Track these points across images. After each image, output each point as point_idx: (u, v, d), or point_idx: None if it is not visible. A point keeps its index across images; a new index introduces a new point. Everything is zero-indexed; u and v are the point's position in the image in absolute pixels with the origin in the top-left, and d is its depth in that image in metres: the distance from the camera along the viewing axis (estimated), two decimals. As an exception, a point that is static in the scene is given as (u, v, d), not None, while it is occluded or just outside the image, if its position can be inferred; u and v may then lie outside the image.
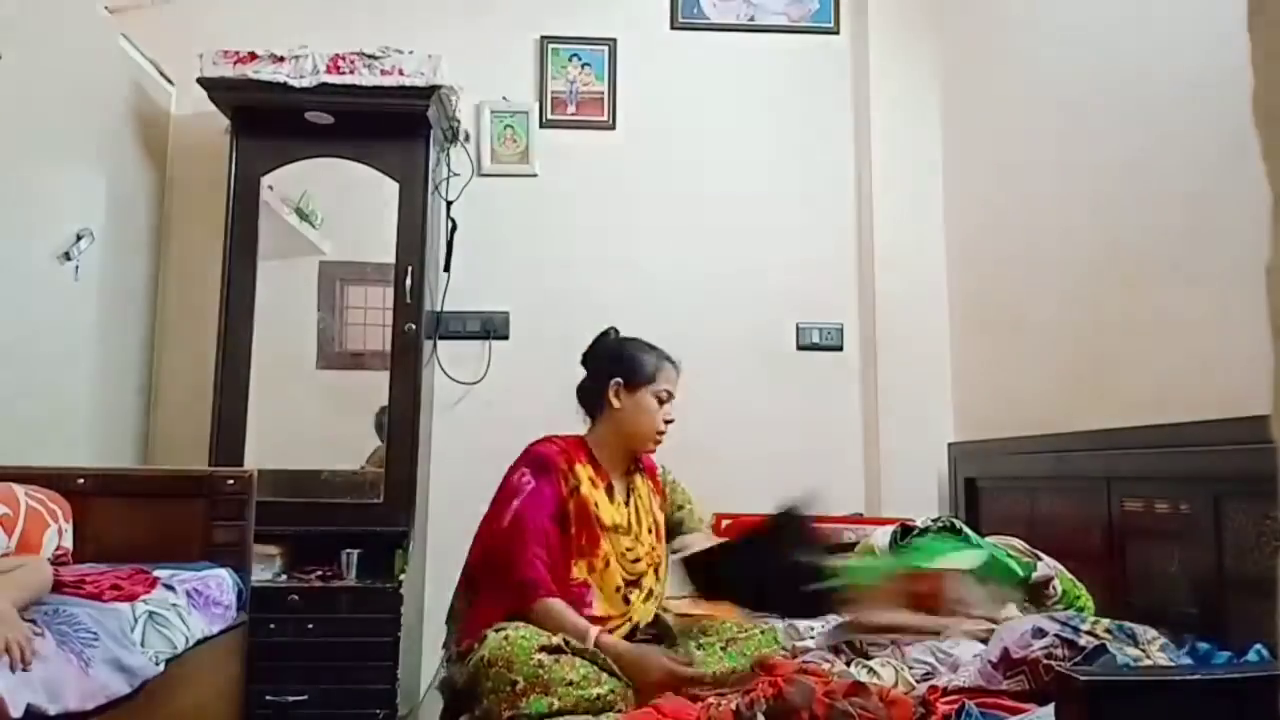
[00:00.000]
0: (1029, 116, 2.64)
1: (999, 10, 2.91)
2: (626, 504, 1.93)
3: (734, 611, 1.86)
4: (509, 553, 1.73)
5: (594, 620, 1.73)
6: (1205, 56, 1.84)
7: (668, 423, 1.94)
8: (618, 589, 1.81)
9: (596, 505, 1.84)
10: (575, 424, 2.06)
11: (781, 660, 1.63)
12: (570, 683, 1.49)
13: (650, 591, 1.89)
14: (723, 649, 1.78)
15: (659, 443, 1.96)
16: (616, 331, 2.05)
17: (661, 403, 1.92)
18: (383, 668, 2.59)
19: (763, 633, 1.85)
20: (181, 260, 3.14)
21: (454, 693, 1.67)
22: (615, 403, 1.91)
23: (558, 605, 1.68)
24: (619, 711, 1.49)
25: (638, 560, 1.87)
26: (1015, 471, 2.54)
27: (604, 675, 1.55)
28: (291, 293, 3.03)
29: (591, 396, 1.97)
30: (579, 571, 1.78)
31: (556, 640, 1.56)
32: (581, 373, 2.05)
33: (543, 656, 1.51)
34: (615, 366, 1.94)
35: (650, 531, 1.95)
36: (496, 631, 1.57)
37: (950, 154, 3.18)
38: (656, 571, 1.93)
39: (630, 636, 1.80)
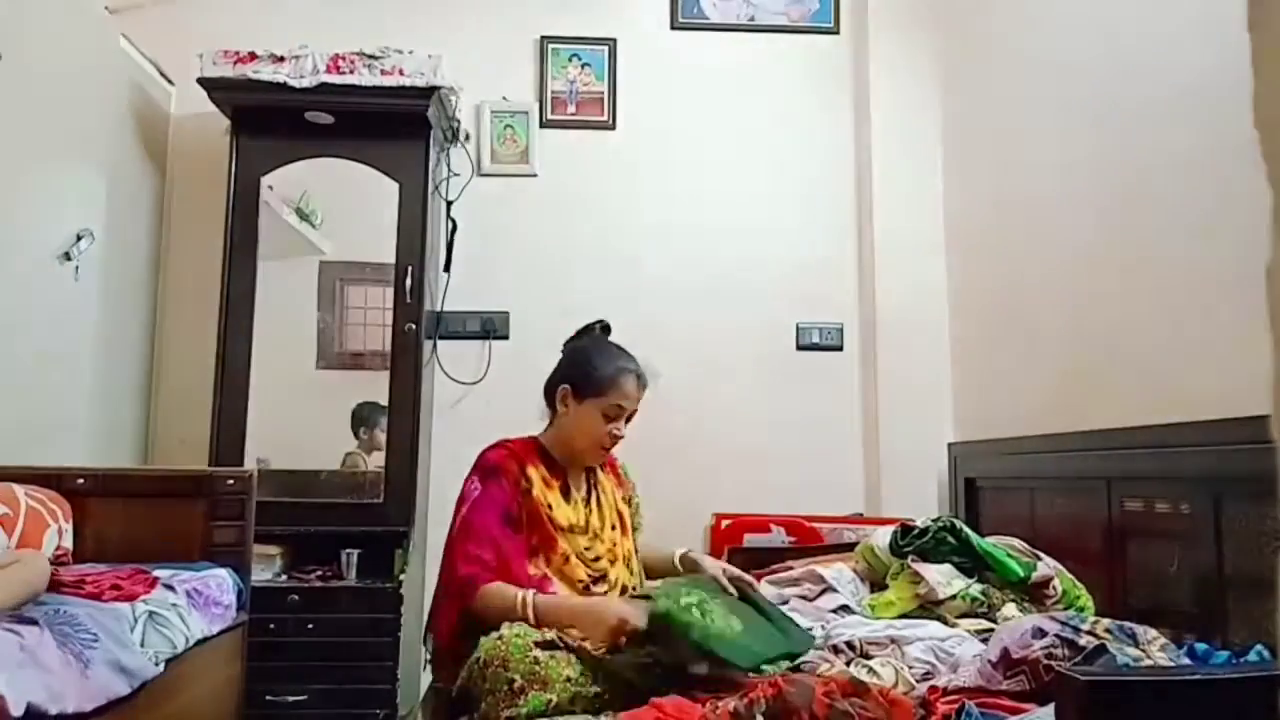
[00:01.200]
0: (1029, 116, 2.64)
1: (999, 10, 2.91)
2: (586, 503, 1.87)
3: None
4: (450, 557, 1.71)
5: None
6: (1205, 56, 1.84)
7: (616, 438, 1.84)
8: (579, 582, 1.77)
9: (551, 507, 1.79)
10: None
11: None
12: (568, 679, 1.48)
13: (623, 587, 1.85)
14: None
15: (602, 456, 1.89)
16: (605, 327, 1.97)
17: (610, 419, 1.81)
18: (383, 668, 2.59)
19: None
20: (181, 260, 3.14)
21: (449, 703, 1.65)
22: (562, 408, 1.85)
23: (493, 587, 1.65)
24: (617, 711, 1.49)
25: (598, 559, 1.82)
26: (1015, 471, 2.54)
27: (600, 674, 1.55)
28: (291, 293, 3.03)
29: (548, 393, 1.90)
30: (535, 568, 1.74)
31: (551, 636, 1.55)
32: None
33: (539, 653, 1.50)
34: (569, 371, 1.87)
35: (614, 528, 1.89)
36: (488, 634, 1.57)
37: (950, 153, 3.18)
38: (629, 566, 1.89)
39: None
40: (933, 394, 3.12)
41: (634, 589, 1.88)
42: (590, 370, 1.83)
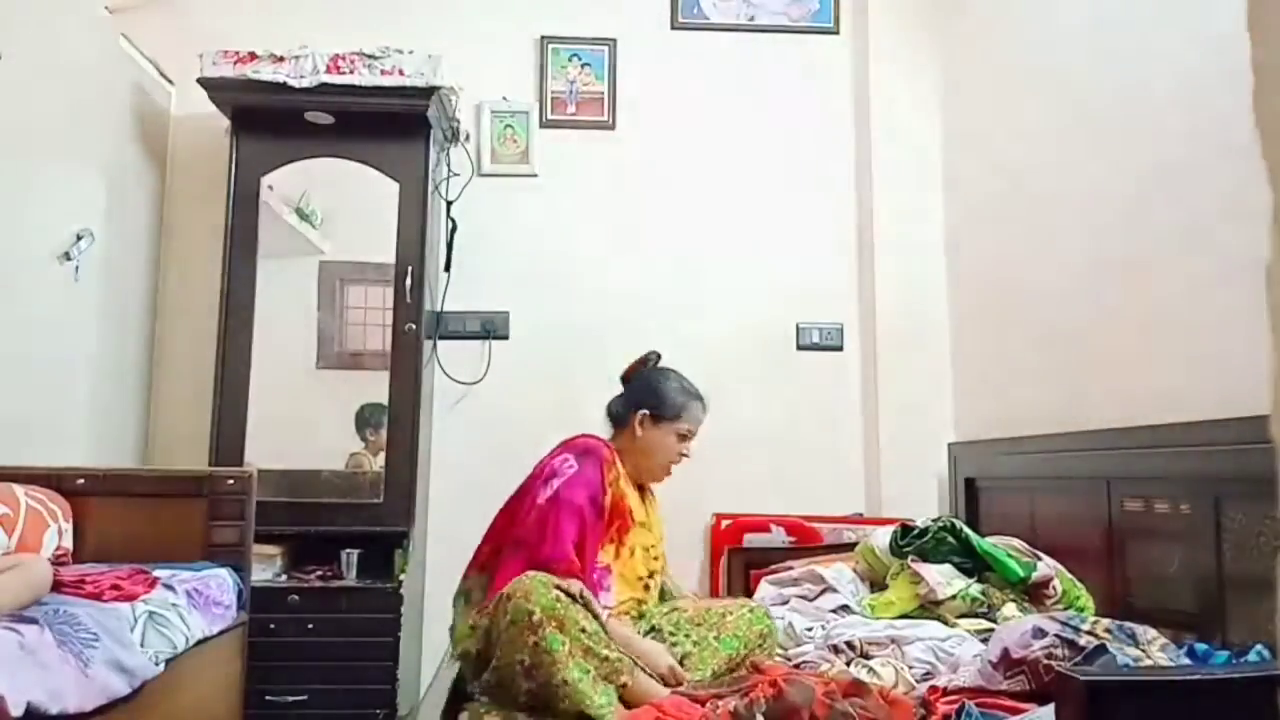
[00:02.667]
0: (1029, 116, 2.64)
1: (999, 10, 2.91)
2: (643, 503, 2.01)
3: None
4: (543, 526, 1.74)
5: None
6: (1205, 56, 1.84)
7: (683, 457, 2.01)
8: (640, 578, 1.88)
9: (629, 499, 1.91)
10: (576, 422, 2.06)
11: (776, 664, 1.64)
12: (584, 630, 1.51)
13: (661, 592, 1.99)
14: (716, 638, 1.79)
15: (665, 476, 2.03)
16: (658, 356, 2.10)
17: (682, 439, 1.99)
18: (383, 668, 2.59)
19: (751, 610, 1.87)
20: (181, 260, 3.14)
21: (472, 664, 1.65)
22: (639, 430, 1.96)
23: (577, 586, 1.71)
24: (622, 684, 1.52)
25: (656, 558, 1.95)
26: (1015, 471, 2.54)
27: (613, 642, 1.57)
28: (291, 293, 3.03)
29: (619, 416, 2.02)
30: (604, 556, 1.82)
31: (574, 589, 1.57)
32: (610, 386, 2.10)
33: (559, 593, 1.52)
34: (645, 397, 1.99)
35: (659, 535, 2.03)
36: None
37: (950, 153, 3.18)
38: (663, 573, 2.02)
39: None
40: (933, 394, 3.12)
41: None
42: (668, 396, 1.99)
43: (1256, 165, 0.42)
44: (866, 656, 1.74)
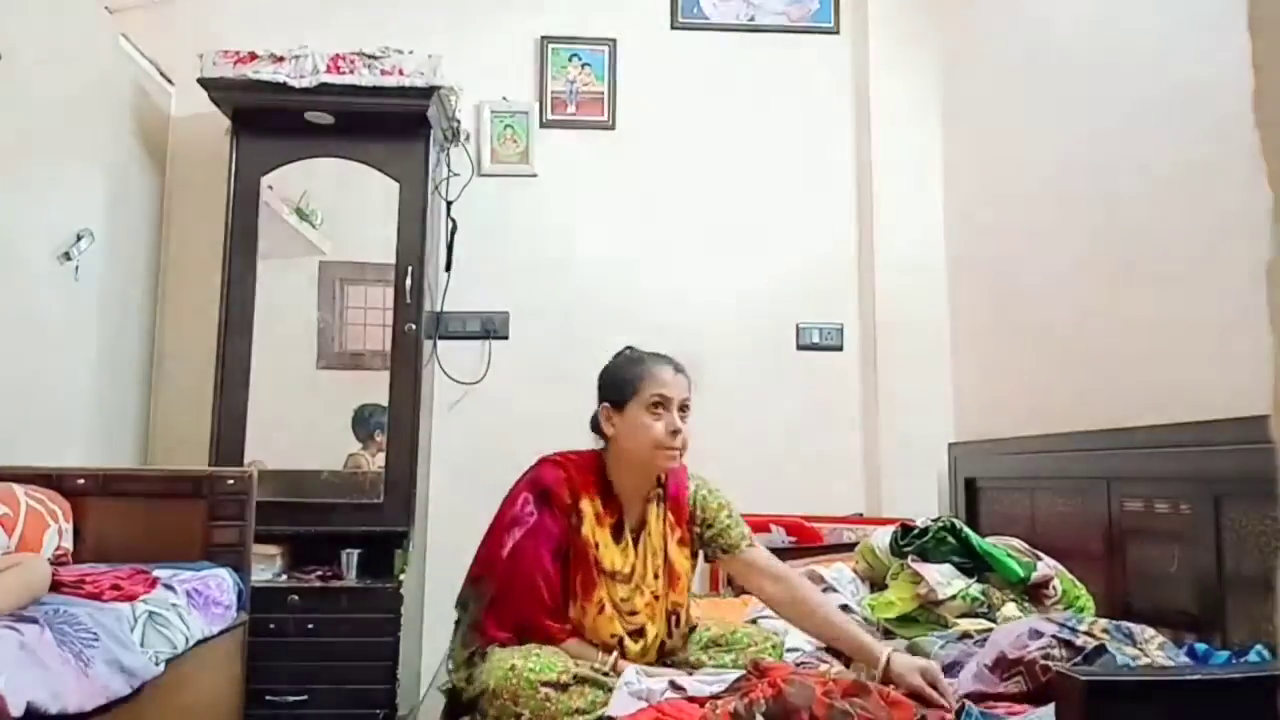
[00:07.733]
0: (1029, 115, 2.65)
1: (999, 10, 2.91)
2: (635, 545, 1.74)
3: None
4: (510, 588, 1.65)
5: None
6: (1205, 55, 1.84)
7: (675, 432, 1.70)
8: (613, 635, 1.66)
9: (598, 547, 1.69)
10: (576, 422, 2.03)
11: (776, 663, 1.63)
12: (578, 710, 1.48)
13: (661, 643, 1.74)
14: (733, 661, 1.77)
15: (672, 456, 1.72)
16: (630, 349, 1.86)
17: (655, 409, 1.70)
18: (383, 668, 2.59)
19: (774, 646, 1.84)
20: (181, 260, 3.14)
21: (457, 701, 1.65)
22: (609, 429, 1.75)
23: (570, 649, 1.62)
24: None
25: (635, 613, 1.70)
26: (1015, 471, 2.54)
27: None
28: (291, 293, 3.03)
29: (594, 425, 1.82)
30: (574, 612, 1.67)
31: (566, 679, 1.51)
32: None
33: (549, 691, 1.49)
34: (601, 390, 1.79)
35: (657, 577, 1.74)
36: (502, 662, 1.53)
37: (950, 153, 3.18)
38: (674, 619, 1.76)
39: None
40: (933, 394, 3.12)
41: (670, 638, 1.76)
42: (618, 380, 1.76)
43: (1257, 165, 0.42)
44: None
